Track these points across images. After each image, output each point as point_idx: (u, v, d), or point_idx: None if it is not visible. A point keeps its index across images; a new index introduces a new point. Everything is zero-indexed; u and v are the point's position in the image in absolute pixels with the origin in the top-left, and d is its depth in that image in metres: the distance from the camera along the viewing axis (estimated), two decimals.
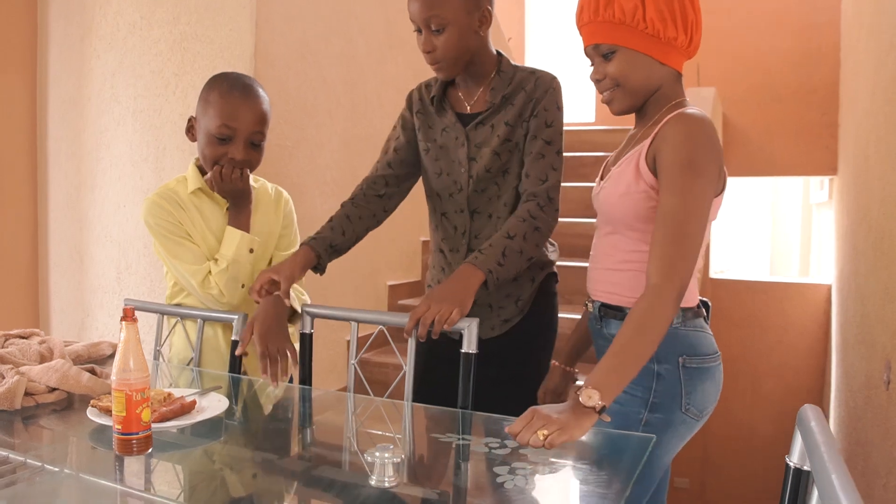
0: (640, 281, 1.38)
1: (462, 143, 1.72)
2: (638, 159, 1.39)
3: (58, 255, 3.10)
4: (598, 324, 1.53)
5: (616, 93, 1.43)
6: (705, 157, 1.31)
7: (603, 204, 1.49)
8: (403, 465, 1.11)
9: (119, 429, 1.09)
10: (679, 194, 1.29)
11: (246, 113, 1.67)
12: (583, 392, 1.15)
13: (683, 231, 1.27)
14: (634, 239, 1.42)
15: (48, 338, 1.66)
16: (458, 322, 1.43)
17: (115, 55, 2.86)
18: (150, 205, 1.73)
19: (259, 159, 1.74)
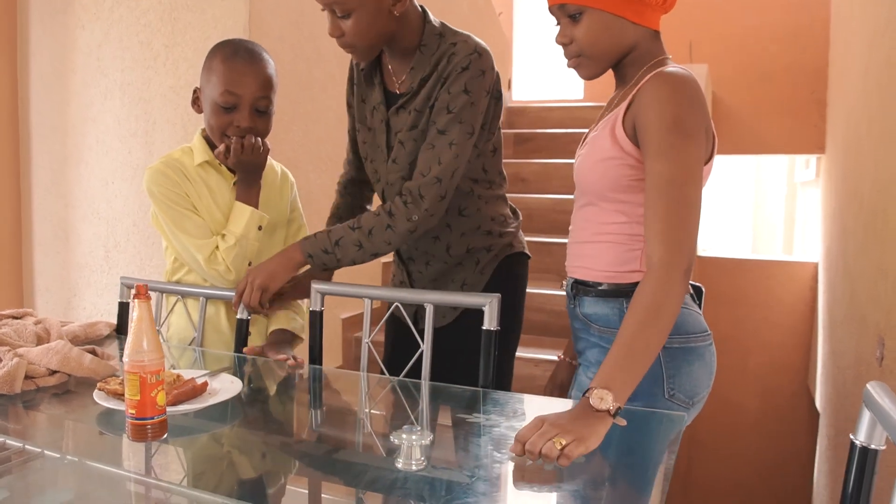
0: (613, 254, 1.33)
1: (384, 130, 1.63)
2: (614, 124, 1.29)
3: (42, 233, 3.01)
4: (572, 303, 1.43)
5: (582, 60, 1.33)
6: (693, 117, 1.21)
7: (578, 173, 1.39)
8: (431, 447, 1.07)
9: (133, 413, 1.03)
10: (671, 159, 1.18)
11: (249, 79, 1.60)
12: (593, 394, 1.05)
13: (682, 198, 1.17)
14: (609, 210, 1.33)
15: (44, 318, 1.59)
16: (261, 298, 1.54)
17: (101, 25, 2.75)
18: (154, 173, 1.65)
19: (267, 127, 1.67)
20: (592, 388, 1.06)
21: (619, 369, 1.09)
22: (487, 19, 5.10)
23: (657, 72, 1.26)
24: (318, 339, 1.58)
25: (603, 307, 1.36)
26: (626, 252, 1.33)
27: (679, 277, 1.14)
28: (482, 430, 1.16)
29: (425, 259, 1.71)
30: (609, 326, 1.36)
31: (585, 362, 1.42)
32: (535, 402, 1.39)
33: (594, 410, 1.04)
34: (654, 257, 1.15)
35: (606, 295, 1.35)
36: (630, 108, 1.27)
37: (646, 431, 1.16)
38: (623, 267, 1.33)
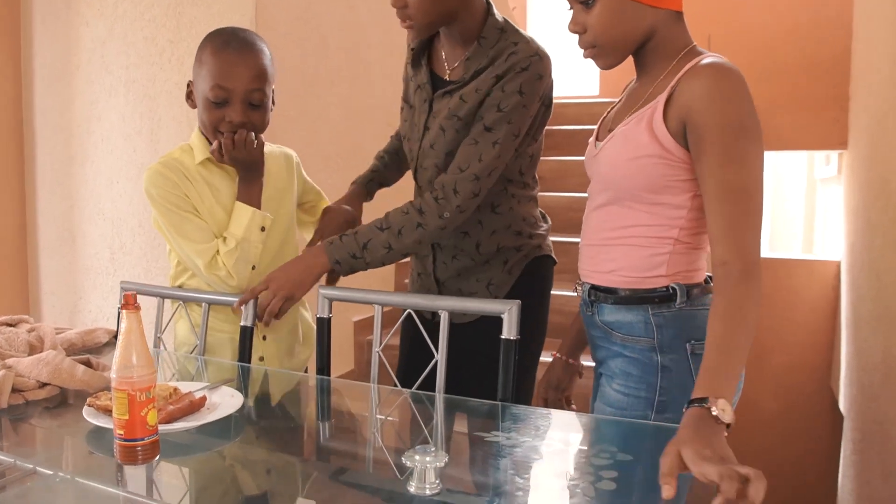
0: (636, 258, 1.23)
1: (424, 110, 1.58)
2: (651, 118, 1.18)
3: (47, 235, 2.94)
4: (589, 310, 1.33)
5: (597, 50, 1.24)
6: (753, 117, 1.13)
7: (602, 168, 1.27)
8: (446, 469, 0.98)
9: (121, 434, 0.95)
10: (738, 164, 1.11)
11: (240, 70, 1.49)
12: (715, 406, 0.95)
13: (751, 204, 1.11)
14: (637, 211, 1.23)
15: (38, 325, 1.52)
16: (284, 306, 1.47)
17: (106, 22, 2.68)
18: (152, 174, 1.57)
19: (262, 121, 1.56)
20: (703, 398, 0.97)
21: (722, 376, 1.01)
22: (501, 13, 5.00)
23: (709, 63, 1.16)
24: (325, 347, 1.49)
25: (626, 315, 1.26)
26: (651, 256, 1.23)
27: (757, 283, 1.09)
28: (502, 449, 1.07)
29: (452, 252, 1.63)
30: (633, 335, 1.26)
31: (609, 372, 1.32)
32: (558, 417, 1.29)
33: (713, 423, 0.95)
34: (734, 267, 1.09)
35: (628, 302, 1.25)
36: (673, 102, 1.17)
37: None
38: (647, 272, 1.23)
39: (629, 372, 1.26)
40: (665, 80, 1.20)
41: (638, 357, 1.25)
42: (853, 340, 4.48)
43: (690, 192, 1.19)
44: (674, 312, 1.22)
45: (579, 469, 0.99)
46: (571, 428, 1.24)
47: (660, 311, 1.23)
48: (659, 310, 1.23)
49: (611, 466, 0.97)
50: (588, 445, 1.14)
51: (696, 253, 1.23)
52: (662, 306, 1.23)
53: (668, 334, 1.22)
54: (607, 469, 0.96)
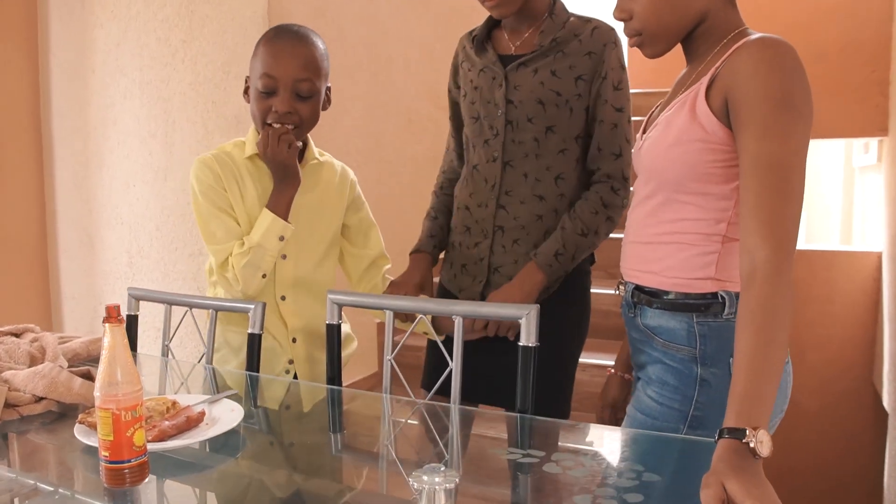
0: (684, 258, 1.13)
1: (500, 84, 1.56)
2: (694, 100, 1.09)
3: (67, 240, 2.92)
4: (632, 311, 1.24)
5: (643, 39, 1.15)
6: (803, 92, 1.02)
7: (645, 158, 1.19)
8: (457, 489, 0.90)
9: (106, 456, 0.88)
10: (777, 137, 0.99)
11: (287, 59, 1.47)
12: (752, 439, 0.85)
13: (787, 184, 0.99)
14: (682, 204, 1.13)
15: (41, 335, 1.46)
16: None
17: (119, 24, 2.65)
18: (199, 164, 1.55)
19: (310, 114, 1.52)
20: (740, 430, 0.87)
21: (758, 401, 0.90)
22: None
23: (754, 38, 1.06)
24: (335, 355, 1.41)
25: (669, 320, 1.17)
26: (700, 255, 1.13)
27: (788, 277, 0.96)
28: (519, 467, 0.99)
29: (515, 236, 1.58)
30: (675, 342, 1.16)
31: (646, 378, 1.22)
32: (580, 430, 1.20)
33: (751, 457, 0.85)
34: (759, 255, 0.97)
35: (674, 307, 1.16)
36: (716, 82, 1.07)
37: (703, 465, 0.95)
38: (695, 273, 1.13)
39: (666, 381, 1.16)
40: (711, 61, 1.11)
41: (677, 366, 1.16)
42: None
43: (736, 180, 1.09)
44: (720, 323, 1.12)
45: (601, 492, 0.90)
46: (594, 442, 1.15)
47: (705, 319, 1.13)
48: (705, 318, 1.13)
49: (636, 488, 0.88)
50: (613, 463, 1.04)
51: None
52: (709, 315, 1.13)
53: (712, 346, 1.12)
54: (632, 492, 0.87)
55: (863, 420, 5.35)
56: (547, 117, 1.52)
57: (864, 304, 5.53)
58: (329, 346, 1.42)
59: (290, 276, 1.57)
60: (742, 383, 0.91)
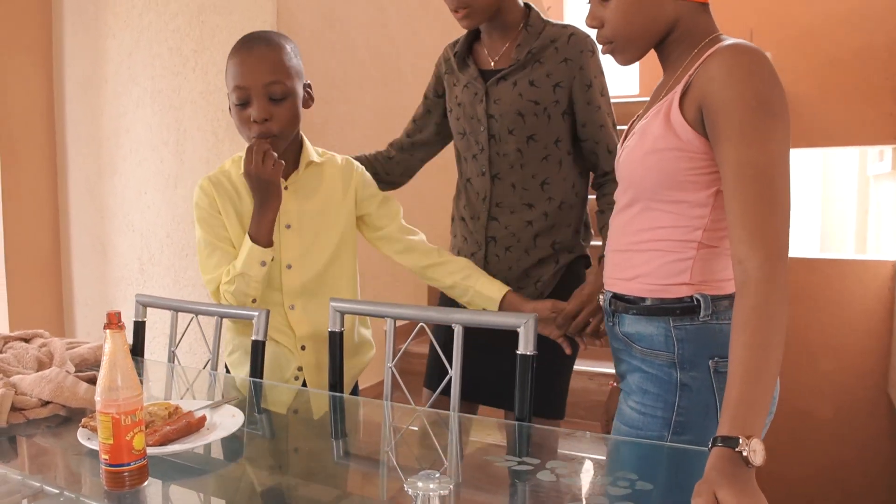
0: (659, 265, 1.13)
1: (481, 100, 1.61)
2: (669, 108, 1.10)
3: (80, 246, 2.96)
4: (610, 320, 1.24)
5: (615, 46, 1.17)
6: (779, 97, 1.02)
7: (623, 168, 1.20)
8: (451, 496, 0.91)
9: (106, 459, 0.90)
10: (756, 144, 0.99)
11: (253, 66, 1.46)
12: (745, 447, 0.85)
13: (772, 190, 0.98)
14: (657, 212, 1.14)
15: (50, 340, 1.49)
16: None
17: (132, 33, 2.68)
18: (198, 190, 1.57)
19: (289, 115, 1.49)
20: (733, 439, 0.87)
21: (751, 409, 0.90)
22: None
23: (726, 44, 1.07)
24: (338, 361, 1.43)
25: (646, 326, 1.17)
26: (675, 262, 1.14)
27: (781, 283, 0.96)
28: (515, 475, 0.99)
29: (507, 243, 1.64)
30: (653, 348, 1.17)
31: (627, 388, 1.23)
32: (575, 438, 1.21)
33: (744, 465, 0.85)
34: (750, 264, 0.97)
35: (651, 313, 1.16)
36: (690, 90, 1.08)
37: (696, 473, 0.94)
38: (670, 280, 1.14)
39: (646, 389, 1.17)
40: (685, 69, 1.12)
41: (656, 373, 1.16)
42: None
43: (712, 187, 1.10)
44: (697, 326, 1.12)
45: (594, 500, 0.91)
46: (589, 450, 1.16)
47: (682, 323, 1.13)
48: (681, 322, 1.13)
49: (628, 497, 0.89)
50: (606, 472, 1.05)
51: (723, 260, 1.13)
52: (685, 318, 1.13)
53: (690, 350, 1.12)
54: (624, 500, 0.88)
55: (877, 428, 5.30)
56: (527, 127, 1.57)
57: (878, 313, 5.49)
58: (331, 352, 1.43)
59: (296, 284, 1.57)
60: (736, 391, 0.91)
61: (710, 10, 1.16)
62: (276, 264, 1.55)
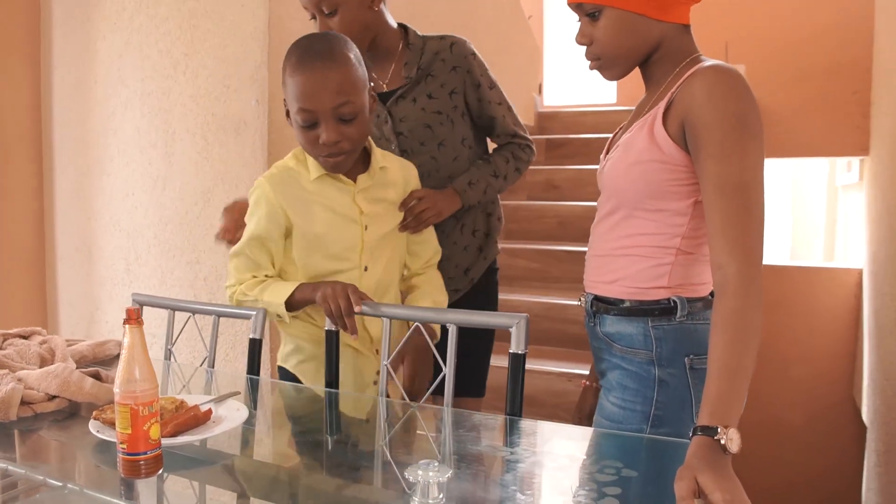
0: (639, 269, 1.21)
1: (385, 120, 1.74)
2: (652, 123, 1.17)
3: (65, 246, 2.98)
4: (591, 321, 1.32)
5: (602, 63, 1.24)
6: (755, 115, 1.10)
7: (607, 178, 1.27)
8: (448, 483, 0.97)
9: (124, 448, 0.95)
10: (735, 159, 1.07)
11: (320, 88, 1.37)
12: (723, 436, 0.93)
13: (749, 202, 1.07)
14: (640, 220, 1.22)
15: (49, 337, 1.53)
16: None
17: (122, 35, 2.71)
18: (256, 185, 1.51)
19: (359, 133, 1.43)
20: (712, 429, 0.94)
21: (729, 402, 0.98)
22: (516, 22, 5.00)
23: (708, 65, 1.15)
24: (334, 359, 1.48)
25: (626, 326, 1.25)
26: (654, 267, 1.21)
27: (757, 288, 1.04)
28: (507, 464, 1.06)
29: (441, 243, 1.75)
30: (632, 347, 1.24)
31: (607, 385, 1.31)
32: (564, 431, 1.28)
33: (721, 453, 0.92)
34: (729, 270, 1.05)
35: (630, 313, 1.24)
36: (673, 107, 1.16)
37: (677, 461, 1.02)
38: (649, 283, 1.22)
39: (626, 385, 1.25)
40: (667, 87, 1.20)
41: (636, 370, 1.24)
42: (876, 350, 4.40)
43: (692, 197, 1.18)
44: (674, 326, 1.20)
45: (583, 485, 0.97)
46: (577, 442, 1.22)
47: (660, 323, 1.21)
48: (659, 322, 1.21)
49: (615, 483, 0.95)
50: (593, 461, 1.12)
51: (700, 265, 1.21)
52: (663, 319, 1.21)
53: (667, 348, 1.20)
54: (611, 485, 0.95)
55: (845, 433, 5.44)
56: (436, 136, 1.73)
57: (845, 320, 5.63)
58: (328, 351, 1.48)
59: (371, 286, 1.53)
60: (715, 385, 0.99)
61: (690, 32, 1.24)
62: (357, 268, 1.53)
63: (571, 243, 3.65)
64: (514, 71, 4.91)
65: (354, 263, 1.53)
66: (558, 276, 3.47)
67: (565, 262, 3.47)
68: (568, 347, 3.08)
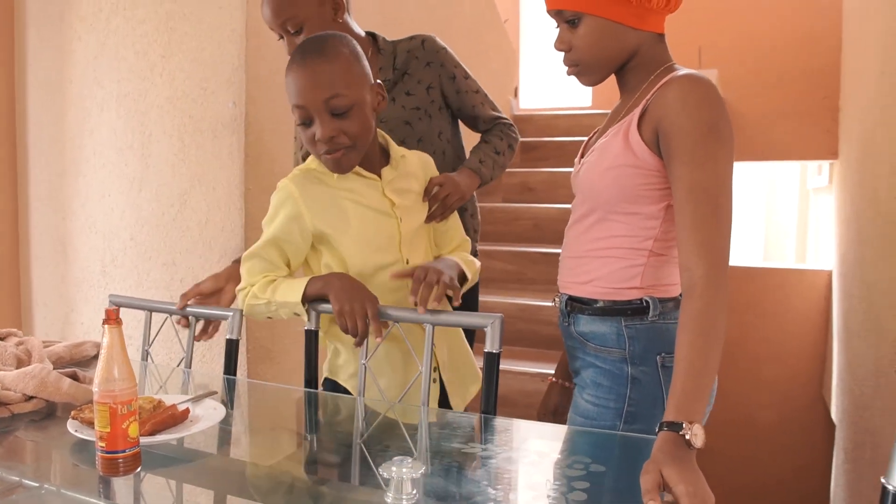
0: (612, 270, 1.25)
1: None
2: (627, 129, 1.22)
3: (39, 247, 2.96)
4: (566, 320, 1.36)
5: (581, 68, 1.28)
6: (725, 123, 1.15)
7: (582, 181, 1.31)
8: (423, 480, 1.00)
9: (103, 446, 0.96)
10: (705, 166, 1.12)
11: (308, 82, 1.37)
12: (688, 432, 0.97)
13: (718, 207, 1.11)
14: (613, 222, 1.26)
15: (26, 339, 1.53)
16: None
17: (98, 36, 2.70)
18: (279, 187, 1.48)
19: (359, 126, 1.40)
20: (677, 424, 0.98)
21: (694, 399, 1.02)
22: (492, 25, 5.04)
23: (682, 74, 1.19)
24: (313, 357, 1.50)
25: (600, 326, 1.29)
26: (627, 268, 1.25)
27: (723, 290, 1.08)
28: (479, 461, 1.09)
29: None
30: (606, 346, 1.28)
31: (582, 383, 1.34)
32: (536, 429, 1.31)
33: (686, 448, 0.96)
34: (697, 272, 1.09)
35: (604, 313, 1.28)
36: (647, 114, 1.20)
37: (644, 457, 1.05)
38: (622, 284, 1.26)
39: (600, 382, 1.28)
40: (642, 94, 1.24)
41: (609, 368, 1.27)
42: (844, 350, 4.49)
43: (664, 201, 1.22)
44: (646, 325, 1.24)
45: (552, 480, 1.00)
46: (548, 439, 1.26)
47: (633, 323, 1.25)
48: (632, 322, 1.25)
49: (583, 477, 0.99)
50: (562, 457, 1.15)
51: (671, 266, 1.25)
52: (635, 318, 1.25)
53: (640, 346, 1.24)
54: (580, 480, 0.98)
55: (815, 432, 5.54)
56: (416, 132, 1.78)
57: (815, 321, 5.74)
58: (307, 350, 1.50)
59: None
60: (681, 382, 1.03)
61: (665, 41, 1.28)
62: (400, 261, 1.50)
63: (546, 245, 3.69)
64: (490, 74, 4.95)
65: (397, 256, 1.50)
66: (533, 278, 3.51)
67: (540, 264, 3.51)
68: (541, 348, 3.13)
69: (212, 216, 2.48)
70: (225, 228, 2.46)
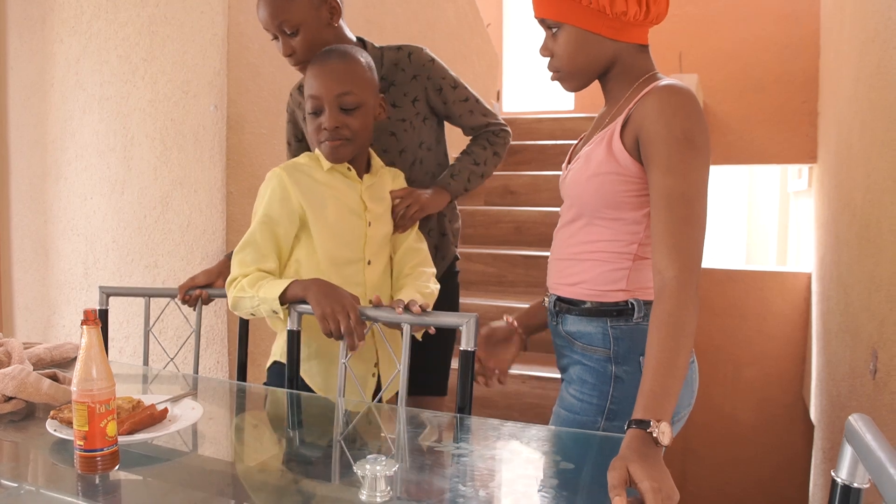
0: (599, 272, 1.29)
1: None
2: (611, 137, 1.25)
3: (21, 250, 2.95)
4: (555, 320, 1.40)
5: (561, 75, 1.32)
6: (701, 131, 1.19)
7: (569, 187, 1.35)
8: (397, 477, 1.02)
9: (81, 445, 0.98)
10: (680, 173, 1.16)
11: (327, 76, 1.54)
12: (655, 429, 1.00)
13: (691, 213, 1.15)
14: (599, 227, 1.30)
15: (6, 340, 1.54)
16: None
17: (80, 39, 2.71)
18: (269, 175, 1.58)
19: (360, 126, 1.57)
20: (645, 422, 1.01)
21: (663, 398, 1.05)
22: (475, 30, 5.07)
23: (662, 84, 1.23)
24: (295, 359, 1.52)
25: (587, 325, 1.32)
26: (613, 271, 1.29)
27: (693, 293, 1.12)
28: (452, 459, 1.11)
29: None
30: (592, 344, 1.32)
31: (568, 378, 1.38)
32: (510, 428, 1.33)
33: (652, 444, 1.00)
34: (668, 274, 1.13)
35: (590, 314, 1.32)
36: (629, 122, 1.23)
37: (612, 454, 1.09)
38: (608, 286, 1.29)
39: (585, 379, 1.32)
40: (625, 103, 1.27)
41: (594, 366, 1.31)
42: (823, 352, 4.54)
43: (646, 207, 1.25)
44: (631, 326, 1.27)
45: (523, 477, 1.03)
46: (521, 438, 1.28)
47: (618, 323, 1.29)
48: (617, 322, 1.29)
49: (553, 475, 1.01)
50: (534, 454, 1.18)
51: None
52: (621, 319, 1.29)
53: (624, 347, 1.27)
54: (550, 477, 1.00)
55: (796, 433, 5.60)
56: (399, 143, 1.79)
57: (795, 323, 5.80)
58: (289, 350, 1.52)
59: (375, 280, 1.64)
60: (650, 382, 1.06)
61: (648, 51, 1.32)
62: (362, 261, 1.61)
63: (527, 248, 3.72)
64: (473, 78, 4.99)
65: (360, 256, 1.62)
66: (514, 281, 3.53)
67: (521, 267, 3.53)
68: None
69: (193, 219, 2.49)
70: (207, 231, 2.47)
